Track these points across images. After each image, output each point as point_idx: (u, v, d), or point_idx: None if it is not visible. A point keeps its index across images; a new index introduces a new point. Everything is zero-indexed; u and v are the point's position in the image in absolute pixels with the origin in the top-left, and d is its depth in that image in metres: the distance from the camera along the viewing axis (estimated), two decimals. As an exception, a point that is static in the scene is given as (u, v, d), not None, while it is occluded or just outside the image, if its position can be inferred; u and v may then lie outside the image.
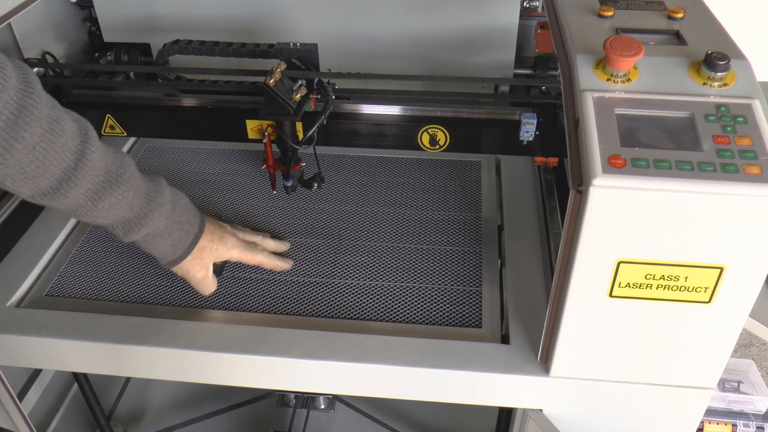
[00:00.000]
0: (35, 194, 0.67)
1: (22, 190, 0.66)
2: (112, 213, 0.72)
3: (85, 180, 0.68)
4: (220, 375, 0.83)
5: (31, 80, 0.63)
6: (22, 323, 0.84)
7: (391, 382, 0.81)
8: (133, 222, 0.75)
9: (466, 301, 0.87)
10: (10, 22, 1.02)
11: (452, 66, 1.20)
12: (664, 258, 0.65)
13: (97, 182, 0.69)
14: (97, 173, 0.69)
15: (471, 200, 1.04)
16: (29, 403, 1.22)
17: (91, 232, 1.00)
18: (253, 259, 0.89)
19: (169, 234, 0.78)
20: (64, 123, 0.65)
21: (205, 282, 0.86)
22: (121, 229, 0.75)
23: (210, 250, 0.84)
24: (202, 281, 0.85)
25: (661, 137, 0.64)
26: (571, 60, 0.72)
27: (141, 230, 0.75)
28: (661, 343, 0.72)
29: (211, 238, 0.83)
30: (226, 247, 0.85)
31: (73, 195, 0.68)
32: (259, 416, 1.35)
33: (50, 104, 0.65)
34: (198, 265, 0.83)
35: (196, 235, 0.81)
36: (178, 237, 0.80)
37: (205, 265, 0.84)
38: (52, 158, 0.64)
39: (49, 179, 0.66)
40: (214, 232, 0.84)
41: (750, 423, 1.17)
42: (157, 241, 0.78)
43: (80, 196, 0.68)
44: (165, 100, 1.12)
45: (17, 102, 0.61)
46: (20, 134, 0.61)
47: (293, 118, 0.95)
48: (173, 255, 0.81)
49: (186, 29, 1.21)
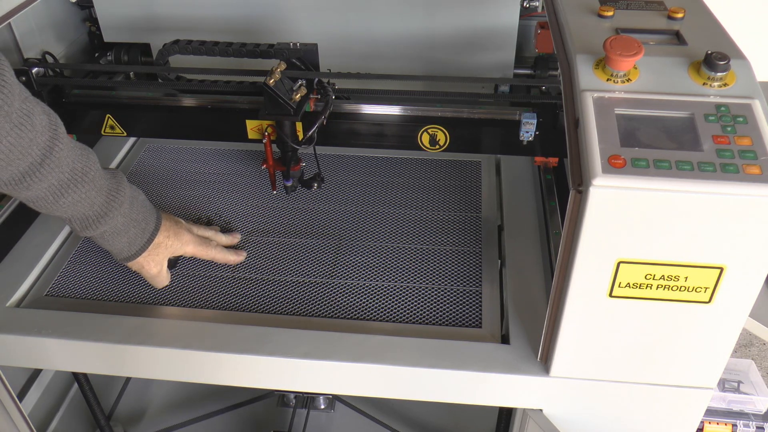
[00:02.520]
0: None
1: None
2: (72, 209, 0.73)
3: (49, 176, 0.68)
4: (220, 375, 0.83)
5: (5, 73, 0.63)
6: (22, 323, 0.84)
7: (391, 382, 0.81)
8: (91, 219, 0.75)
9: (466, 301, 0.87)
10: (10, 22, 1.02)
11: (452, 66, 1.20)
12: (664, 258, 0.65)
13: (61, 179, 0.70)
14: (63, 170, 0.69)
15: (471, 200, 1.04)
16: (29, 403, 1.22)
17: (91, 232, 1.00)
18: (207, 253, 0.90)
19: (125, 231, 0.79)
20: (35, 117, 0.66)
21: (159, 277, 0.87)
22: (78, 224, 0.76)
23: (165, 247, 0.85)
24: (155, 276, 0.87)
25: (661, 137, 0.64)
26: (571, 60, 0.72)
27: (98, 227, 0.76)
28: (661, 343, 0.72)
29: (166, 234, 0.85)
30: (181, 242, 0.87)
31: (36, 189, 0.68)
32: (259, 416, 1.35)
33: (22, 97, 0.65)
34: (152, 261, 0.85)
35: (151, 233, 0.82)
36: (134, 234, 0.81)
37: (159, 261, 0.85)
38: (17, 152, 0.65)
39: (13, 171, 0.66)
40: (170, 229, 0.85)
41: (750, 423, 1.17)
42: (113, 238, 0.79)
43: (42, 190, 0.69)
44: (165, 100, 1.12)
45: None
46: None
47: (293, 118, 0.95)
48: (128, 251, 0.82)
49: (186, 29, 1.21)
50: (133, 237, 0.81)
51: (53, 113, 0.70)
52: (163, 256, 0.86)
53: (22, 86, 0.65)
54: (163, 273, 0.87)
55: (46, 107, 0.69)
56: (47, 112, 0.68)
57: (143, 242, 0.82)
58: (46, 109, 0.69)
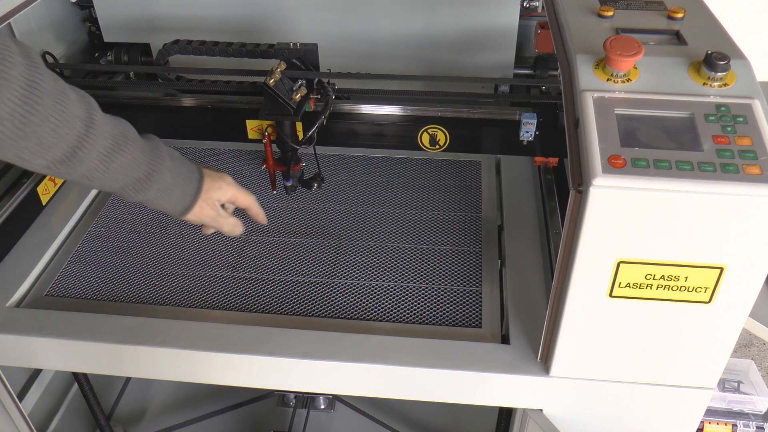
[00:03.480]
0: (50, 164, 0.69)
1: (38, 161, 0.68)
2: (123, 174, 0.74)
3: (96, 144, 0.70)
4: (220, 375, 0.83)
5: (33, 56, 0.65)
6: (22, 323, 0.84)
7: (391, 382, 0.81)
8: (142, 180, 0.77)
9: (466, 301, 0.87)
10: (10, 22, 1.02)
11: (452, 66, 1.20)
12: (664, 258, 0.65)
13: (106, 145, 0.71)
14: (105, 137, 0.71)
15: (471, 200, 1.04)
16: (29, 403, 1.22)
17: (91, 232, 1.00)
18: (246, 199, 0.90)
19: (175, 185, 0.80)
20: (69, 93, 0.68)
21: (220, 218, 0.87)
22: (132, 189, 0.77)
23: (214, 190, 0.85)
24: (216, 218, 0.87)
25: (661, 137, 0.63)
26: (571, 60, 0.72)
27: (151, 187, 0.77)
28: (661, 343, 0.72)
29: (211, 179, 0.86)
30: (226, 182, 0.87)
31: (88, 160, 0.70)
32: (259, 416, 1.35)
33: (53, 77, 0.67)
34: (206, 206, 0.85)
35: (198, 180, 0.83)
36: (184, 186, 0.82)
37: (213, 203, 0.86)
38: (65, 127, 0.67)
39: (64, 147, 0.68)
40: (212, 174, 0.86)
41: (750, 423, 1.17)
42: (166, 194, 0.80)
43: (93, 160, 0.71)
44: (165, 100, 1.12)
45: (26, 77, 0.63)
46: (35, 107, 0.63)
47: (293, 118, 0.95)
48: (183, 203, 0.82)
49: (186, 29, 1.21)
50: (183, 188, 0.82)
51: (80, 90, 0.72)
52: (214, 199, 0.86)
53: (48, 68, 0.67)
54: (222, 214, 0.87)
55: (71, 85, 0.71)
56: (74, 89, 0.71)
57: (194, 191, 0.83)
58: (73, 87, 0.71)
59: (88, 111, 0.69)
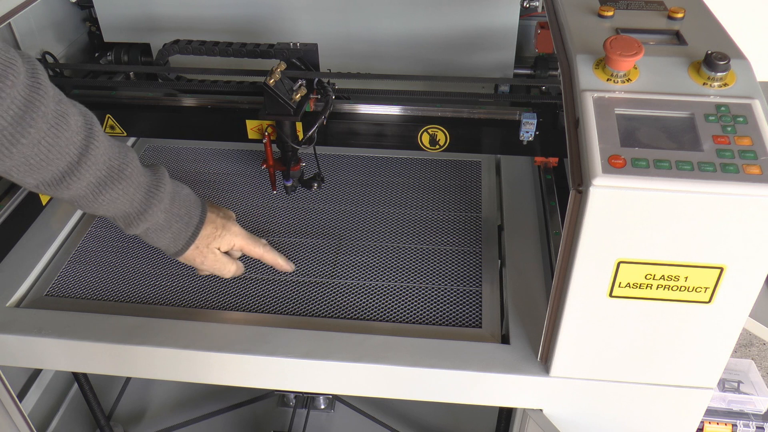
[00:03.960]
0: (39, 184, 0.69)
1: (27, 180, 0.68)
2: (112, 206, 0.74)
3: (87, 174, 0.69)
4: (220, 375, 0.83)
5: (39, 75, 0.65)
6: (22, 323, 0.84)
7: (391, 382, 0.81)
8: (132, 216, 0.76)
9: (466, 301, 0.87)
10: (10, 22, 1.02)
11: (452, 66, 1.20)
12: (664, 258, 0.65)
13: (99, 176, 0.71)
14: (100, 168, 0.70)
15: (471, 200, 1.04)
16: (29, 403, 1.22)
17: (91, 232, 1.00)
18: (255, 250, 0.89)
19: (168, 227, 0.80)
20: (70, 118, 0.67)
21: (217, 264, 0.86)
22: (122, 222, 0.77)
23: (213, 238, 0.84)
24: (212, 266, 0.86)
25: (661, 137, 0.63)
26: (571, 60, 0.72)
27: (140, 224, 0.77)
28: (661, 343, 0.72)
29: (213, 227, 0.84)
30: (230, 234, 0.86)
31: (75, 187, 0.70)
32: (259, 416, 1.35)
33: (57, 99, 0.66)
34: (202, 254, 0.84)
35: (195, 226, 0.82)
36: (177, 229, 0.81)
37: (211, 251, 0.85)
38: (56, 152, 0.66)
39: (53, 171, 0.68)
40: (216, 221, 0.85)
41: (750, 423, 1.17)
42: (157, 234, 0.80)
43: (82, 189, 0.70)
44: (165, 100, 1.12)
45: (25, 98, 0.63)
46: (26, 129, 0.63)
47: (293, 118, 0.95)
48: (175, 247, 0.82)
49: (186, 29, 1.21)
50: (177, 232, 0.80)
51: (89, 113, 0.71)
52: (212, 248, 0.85)
53: (56, 89, 0.67)
54: (221, 260, 0.86)
55: (82, 108, 0.70)
56: (83, 112, 0.70)
57: (188, 236, 0.82)
58: (82, 110, 0.70)
59: (86, 138, 0.69)
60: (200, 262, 0.85)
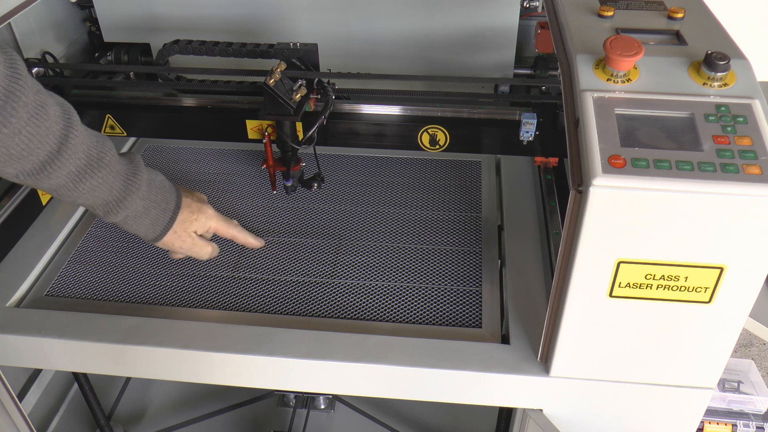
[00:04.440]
0: (19, 174, 0.69)
1: (7, 170, 0.69)
2: (92, 195, 0.75)
3: (67, 163, 0.70)
4: (220, 375, 0.83)
5: (18, 66, 0.65)
6: (22, 323, 0.84)
7: (391, 382, 0.81)
8: (111, 204, 0.77)
9: (466, 301, 0.87)
10: (10, 22, 1.02)
11: (452, 66, 1.20)
12: (664, 258, 0.65)
13: (78, 165, 0.72)
14: (79, 156, 0.71)
15: (471, 200, 1.04)
16: (29, 403, 1.22)
17: (91, 232, 1.00)
18: (228, 231, 0.92)
19: (146, 213, 0.81)
20: (49, 108, 0.68)
21: (195, 248, 0.88)
22: (101, 210, 0.78)
23: (190, 222, 0.86)
24: (191, 249, 0.88)
25: (661, 137, 0.64)
26: (571, 60, 0.72)
27: (120, 212, 0.78)
28: (661, 343, 0.72)
29: (189, 210, 0.86)
30: (205, 216, 0.88)
31: (56, 176, 0.71)
32: (259, 416, 1.35)
33: (35, 89, 0.67)
34: (180, 238, 0.86)
35: (173, 211, 0.84)
36: (155, 215, 0.82)
37: (189, 235, 0.87)
38: (37, 142, 0.67)
39: (34, 161, 0.68)
40: (191, 205, 0.87)
41: (750, 423, 1.17)
42: (136, 221, 0.81)
43: (62, 178, 0.71)
44: (165, 100, 1.12)
45: (5, 88, 0.63)
46: (8, 119, 0.64)
47: (293, 118, 0.95)
48: (153, 232, 0.83)
49: (186, 29, 1.21)
50: (155, 217, 0.82)
51: (66, 103, 0.72)
52: (189, 232, 0.87)
53: (34, 79, 0.68)
54: (198, 243, 0.88)
55: (59, 98, 0.71)
56: (60, 102, 0.71)
57: (166, 221, 0.83)
58: (59, 100, 0.71)
59: (65, 128, 0.70)
60: (178, 246, 0.87)
